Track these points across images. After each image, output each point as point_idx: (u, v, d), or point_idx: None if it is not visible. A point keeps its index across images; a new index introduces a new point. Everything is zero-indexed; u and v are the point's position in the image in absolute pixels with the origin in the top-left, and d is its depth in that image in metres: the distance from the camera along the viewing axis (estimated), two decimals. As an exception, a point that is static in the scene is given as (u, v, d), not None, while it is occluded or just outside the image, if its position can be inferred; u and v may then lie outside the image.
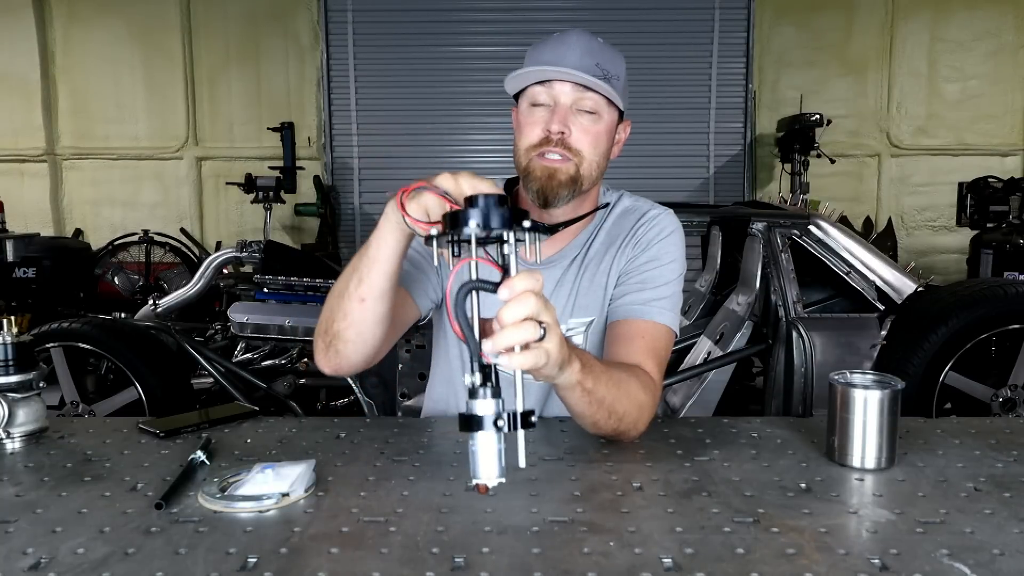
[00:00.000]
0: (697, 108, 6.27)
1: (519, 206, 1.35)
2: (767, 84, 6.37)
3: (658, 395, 1.19)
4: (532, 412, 0.80)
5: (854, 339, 2.75)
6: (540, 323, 0.83)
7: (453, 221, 0.83)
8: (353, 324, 1.10)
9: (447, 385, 1.39)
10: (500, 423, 0.78)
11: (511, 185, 1.40)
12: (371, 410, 2.80)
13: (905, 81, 6.40)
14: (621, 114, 1.30)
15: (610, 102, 1.24)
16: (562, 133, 1.22)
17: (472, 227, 0.80)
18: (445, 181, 0.91)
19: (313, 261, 3.60)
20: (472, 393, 0.79)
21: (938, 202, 6.41)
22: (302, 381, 3.17)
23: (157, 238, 6.09)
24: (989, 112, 6.41)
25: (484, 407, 0.78)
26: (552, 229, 1.30)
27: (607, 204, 1.38)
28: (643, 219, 1.34)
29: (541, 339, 0.84)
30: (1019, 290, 2.71)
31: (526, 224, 0.83)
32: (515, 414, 0.78)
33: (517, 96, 1.30)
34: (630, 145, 1.39)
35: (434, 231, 0.86)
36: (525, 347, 0.82)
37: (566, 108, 1.22)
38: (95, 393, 2.98)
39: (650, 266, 1.30)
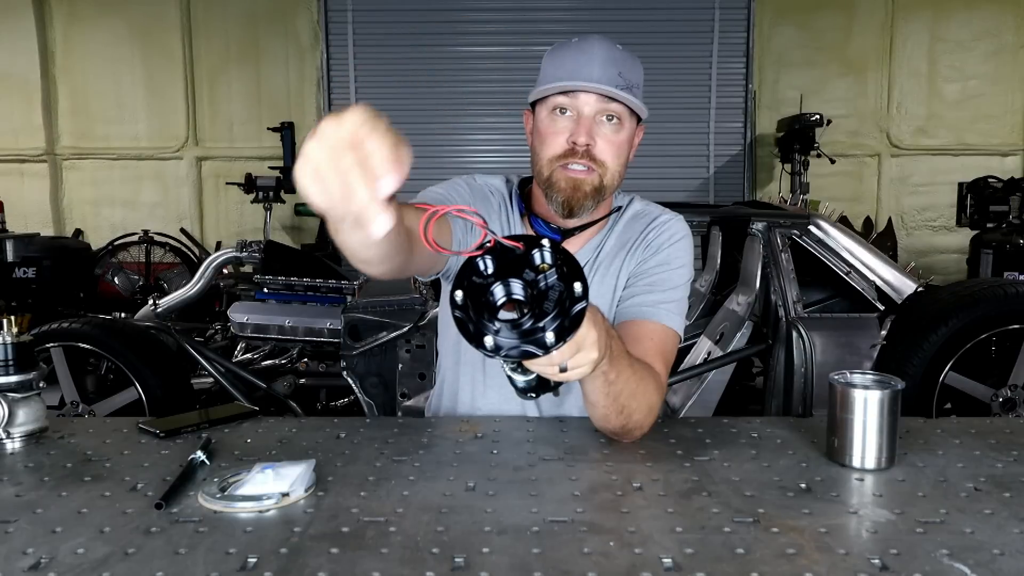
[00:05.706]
0: (697, 108, 6.26)
1: (533, 207, 1.35)
2: (767, 84, 6.36)
3: (663, 398, 1.19)
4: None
5: (854, 339, 2.75)
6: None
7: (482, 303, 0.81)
8: (362, 251, 0.96)
9: (456, 367, 1.38)
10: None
11: (524, 184, 1.40)
12: (371, 410, 2.80)
13: (905, 81, 6.39)
14: (638, 119, 1.29)
15: (632, 111, 1.25)
16: (588, 145, 1.22)
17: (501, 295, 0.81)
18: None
19: (313, 261, 3.60)
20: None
21: (938, 202, 6.40)
22: (302, 381, 3.17)
23: (157, 238, 6.08)
24: (989, 112, 6.41)
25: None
26: (568, 233, 1.31)
27: (618, 208, 1.38)
28: (654, 223, 1.35)
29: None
30: (1019, 290, 2.71)
31: (547, 257, 0.82)
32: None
33: (533, 100, 1.29)
34: (631, 145, 1.39)
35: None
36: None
37: (590, 119, 1.22)
38: (95, 393, 2.97)
39: (659, 269, 1.31)
